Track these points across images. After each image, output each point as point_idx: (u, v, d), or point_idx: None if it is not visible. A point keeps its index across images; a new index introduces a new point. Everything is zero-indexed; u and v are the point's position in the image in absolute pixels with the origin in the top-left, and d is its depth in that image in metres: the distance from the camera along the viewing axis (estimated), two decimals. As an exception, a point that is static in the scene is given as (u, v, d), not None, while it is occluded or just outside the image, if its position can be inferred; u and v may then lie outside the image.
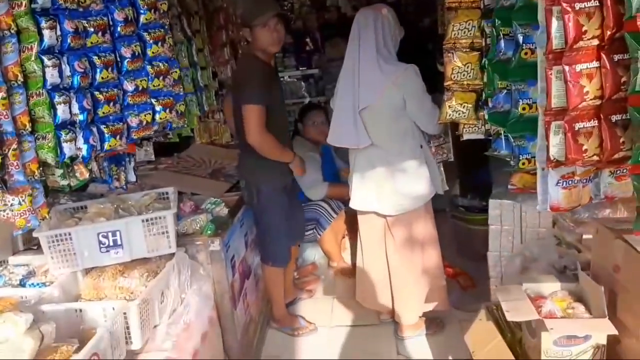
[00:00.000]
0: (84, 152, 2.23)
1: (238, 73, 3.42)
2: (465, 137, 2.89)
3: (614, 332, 2.02)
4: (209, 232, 2.79)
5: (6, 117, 1.91)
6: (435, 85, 5.26)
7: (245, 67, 3.27)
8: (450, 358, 3.14)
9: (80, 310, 2.04)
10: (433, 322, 3.43)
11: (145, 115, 2.55)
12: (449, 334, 3.36)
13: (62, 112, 2.13)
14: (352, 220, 3.93)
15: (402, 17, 6.58)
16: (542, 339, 2.09)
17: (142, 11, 2.56)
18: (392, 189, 3.14)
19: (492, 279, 3.14)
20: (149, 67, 2.59)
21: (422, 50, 5.70)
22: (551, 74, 1.82)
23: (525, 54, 2.12)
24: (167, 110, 2.66)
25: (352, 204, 3.35)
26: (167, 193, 2.79)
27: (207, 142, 4.51)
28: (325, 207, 4.20)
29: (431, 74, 5.34)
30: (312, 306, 3.91)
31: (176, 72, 2.82)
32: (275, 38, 3.08)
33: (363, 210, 3.31)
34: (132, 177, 2.77)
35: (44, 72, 2.07)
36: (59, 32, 2.14)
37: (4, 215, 1.96)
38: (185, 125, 3.04)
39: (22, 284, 2.36)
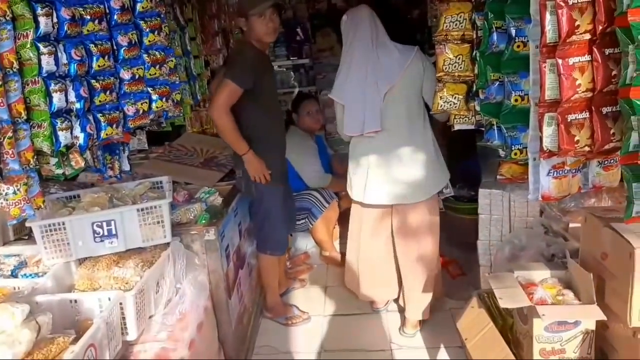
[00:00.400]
0: (81, 141, 2.21)
1: (230, 56, 3.42)
2: (457, 127, 2.92)
3: (603, 317, 2.07)
4: (204, 221, 2.78)
5: (1, 104, 1.89)
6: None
7: (238, 50, 3.29)
8: (442, 345, 3.18)
9: (76, 301, 2.02)
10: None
11: (141, 104, 2.53)
12: (440, 322, 3.39)
13: (57, 100, 2.10)
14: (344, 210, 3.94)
15: (392, 9, 6.57)
16: (534, 325, 2.13)
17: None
18: (415, 176, 3.13)
19: (482, 267, 3.18)
20: (145, 56, 2.57)
21: (410, 42, 5.70)
22: (545, 66, 1.85)
23: (518, 46, 2.15)
24: (164, 99, 2.65)
25: (370, 199, 3.20)
26: (161, 182, 2.78)
27: (199, 131, 4.48)
28: (317, 197, 4.22)
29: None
30: (305, 295, 3.94)
31: (172, 61, 2.81)
32: (270, 28, 3.08)
33: (382, 204, 3.22)
34: (126, 166, 2.75)
35: (39, 60, 2.04)
36: (55, 20, 2.10)
37: (-2, 205, 1.94)
38: (181, 114, 3.02)
39: (13, 275, 2.32)
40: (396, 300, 3.60)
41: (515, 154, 2.30)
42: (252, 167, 3.16)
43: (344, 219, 4.04)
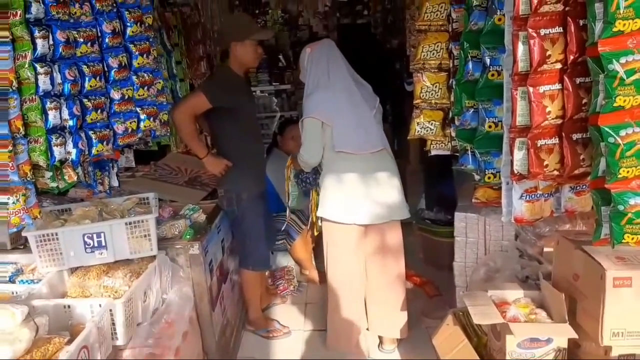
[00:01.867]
0: (73, 156, 2.33)
1: (209, 76, 3.58)
2: (433, 152, 3.02)
3: (574, 335, 2.07)
4: (189, 236, 2.88)
5: (2, 120, 2.02)
6: (402, 103, 5.42)
7: (217, 72, 3.50)
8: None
9: (69, 306, 2.12)
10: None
11: (130, 123, 2.67)
12: (416, 340, 3.42)
13: (53, 117, 2.23)
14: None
15: (372, 38, 6.74)
16: (507, 342, 2.13)
17: (128, 24, 2.69)
18: (395, 194, 3.20)
19: (458, 287, 3.23)
20: (134, 77, 2.72)
21: (390, 70, 5.88)
22: (516, 94, 1.94)
23: (492, 75, 2.24)
24: (151, 119, 2.78)
25: (360, 219, 3.15)
26: (147, 198, 2.88)
27: (183, 151, 4.59)
28: (294, 219, 4.31)
29: (399, 93, 5.53)
30: (285, 311, 4.01)
31: (160, 82, 2.93)
32: (259, 55, 3.29)
33: (375, 223, 3.18)
34: (115, 182, 2.87)
35: (36, 79, 2.18)
36: (51, 42, 2.24)
37: (-2, 214, 2.05)
38: (168, 134, 3.14)
39: (10, 281, 2.43)
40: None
41: (489, 177, 2.38)
42: (214, 167, 3.32)
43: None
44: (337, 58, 3.24)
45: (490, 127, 2.30)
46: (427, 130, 2.94)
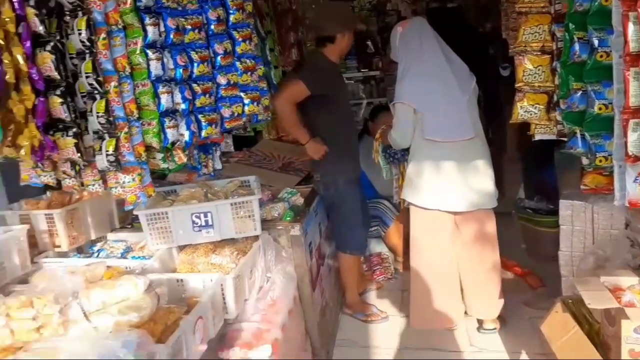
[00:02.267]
0: (186, 138, 2.44)
1: (304, 62, 3.64)
2: (537, 137, 2.93)
3: None
4: (289, 218, 2.94)
5: (118, 103, 2.14)
6: (497, 89, 5.29)
7: (313, 59, 3.52)
8: (523, 352, 3.17)
9: (182, 281, 2.21)
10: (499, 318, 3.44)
11: (236, 107, 2.75)
12: (520, 330, 3.36)
13: (165, 101, 2.34)
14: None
15: (463, 22, 6.60)
16: (623, 327, 2.09)
17: (231, 11, 2.75)
18: (488, 182, 3.17)
19: (564, 277, 3.13)
20: (238, 63, 2.78)
21: (483, 54, 5.75)
22: (629, 75, 1.87)
23: (601, 56, 2.16)
24: (255, 104, 2.85)
25: (445, 206, 3.17)
26: (248, 181, 2.97)
27: (275, 138, 4.67)
28: (388, 205, 4.31)
29: (493, 77, 5.39)
30: (381, 297, 3.99)
31: (261, 69, 2.99)
32: (350, 45, 3.39)
33: (461, 210, 3.18)
34: (219, 165, 2.95)
35: (148, 65, 2.28)
36: (162, 29, 2.34)
37: (116, 192, 2.17)
38: (269, 118, 3.21)
39: (123, 257, 2.56)
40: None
41: (600, 161, 2.29)
42: (315, 152, 3.35)
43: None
44: (429, 38, 3.19)
45: (600, 109, 2.23)
46: (530, 114, 2.86)
